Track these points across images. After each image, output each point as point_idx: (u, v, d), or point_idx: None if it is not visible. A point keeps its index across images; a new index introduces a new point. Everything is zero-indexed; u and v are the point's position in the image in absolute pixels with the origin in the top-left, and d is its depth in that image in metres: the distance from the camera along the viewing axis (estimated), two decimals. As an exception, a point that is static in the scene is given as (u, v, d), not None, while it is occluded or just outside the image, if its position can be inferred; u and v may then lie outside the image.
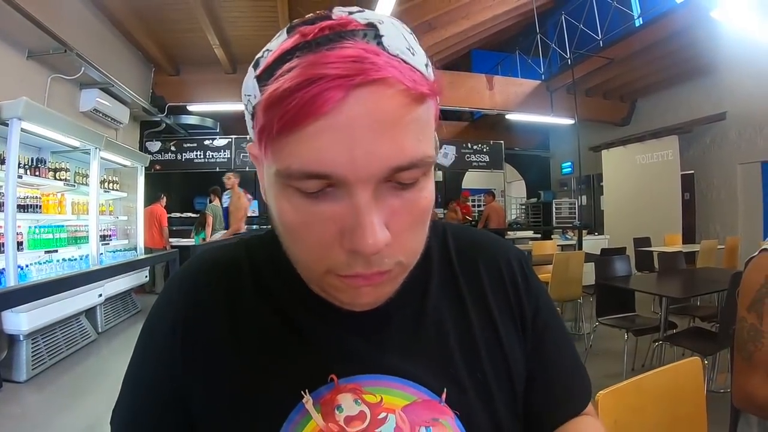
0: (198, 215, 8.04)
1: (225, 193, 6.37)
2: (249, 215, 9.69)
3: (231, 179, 6.70)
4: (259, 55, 0.44)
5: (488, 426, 0.54)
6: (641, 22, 7.35)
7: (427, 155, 0.41)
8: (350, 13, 0.41)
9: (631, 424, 1.09)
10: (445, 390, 0.53)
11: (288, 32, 0.41)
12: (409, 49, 0.41)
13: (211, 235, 7.52)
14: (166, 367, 0.54)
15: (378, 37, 0.39)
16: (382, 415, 0.51)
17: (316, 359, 0.52)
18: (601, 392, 1.02)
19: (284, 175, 0.40)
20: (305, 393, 0.51)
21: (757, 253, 1.29)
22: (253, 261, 0.58)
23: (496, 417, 0.55)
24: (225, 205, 7.65)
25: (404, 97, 0.38)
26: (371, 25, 0.40)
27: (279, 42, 0.42)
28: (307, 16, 0.42)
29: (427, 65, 0.42)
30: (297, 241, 0.44)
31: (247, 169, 9.29)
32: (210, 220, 7.53)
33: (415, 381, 0.53)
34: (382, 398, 0.51)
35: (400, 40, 0.40)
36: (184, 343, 0.54)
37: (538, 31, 8.69)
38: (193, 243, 7.74)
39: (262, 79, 0.40)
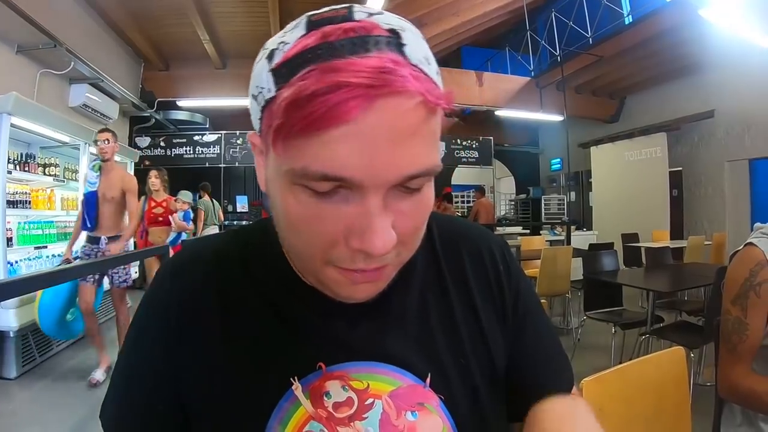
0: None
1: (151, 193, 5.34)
2: (241, 210, 9.71)
3: (156, 178, 5.34)
4: (272, 45, 0.43)
5: (471, 409, 0.56)
6: (630, 20, 7.39)
7: (436, 164, 0.43)
8: (370, 14, 0.41)
9: (615, 412, 1.11)
10: (429, 375, 0.55)
11: (307, 28, 0.41)
12: (426, 59, 0.42)
13: (203, 230, 7.52)
14: (159, 355, 0.54)
15: (401, 45, 0.40)
16: (369, 400, 0.52)
17: (304, 348, 0.54)
18: (585, 379, 1.04)
19: (299, 175, 0.40)
20: (294, 380, 0.52)
21: (742, 246, 1.32)
22: (242, 251, 0.59)
23: (478, 401, 0.57)
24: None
25: (422, 109, 0.40)
26: (394, 32, 0.40)
27: (296, 36, 0.41)
28: (324, 12, 0.42)
29: (437, 73, 0.44)
30: (300, 234, 0.45)
31: (237, 164, 9.27)
32: (201, 215, 7.52)
33: (400, 367, 0.54)
34: (368, 384, 0.53)
35: (420, 50, 0.41)
36: (176, 331, 0.54)
37: (528, 28, 8.71)
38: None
39: (280, 75, 0.40)
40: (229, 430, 0.52)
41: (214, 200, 7.96)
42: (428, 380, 0.55)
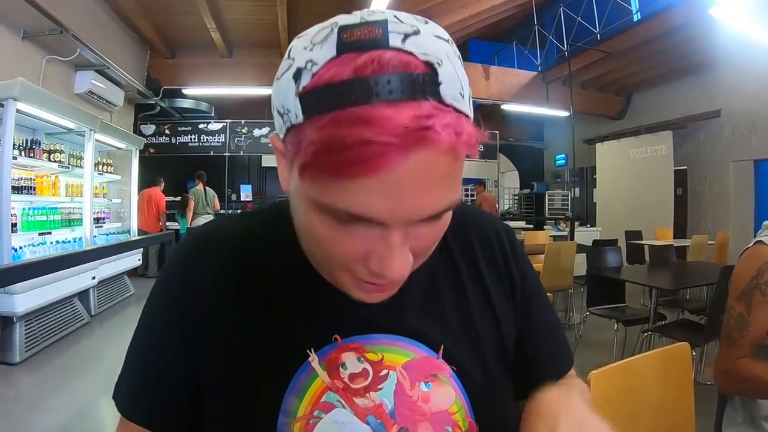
0: (180, 198, 8.09)
1: None
2: (245, 200, 9.72)
3: None
4: (299, 60, 0.41)
5: (482, 381, 0.57)
6: (639, 17, 7.34)
7: (458, 199, 0.44)
8: (406, 36, 0.39)
9: (621, 406, 1.12)
10: (442, 346, 0.56)
11: (338, 48, 0.39)
12: (461, 93, 0.40)
13: (193, 219, 7.55)
14: (174, 332, 0.55)
15: (436, 84, 0.38)
16: (384, 372, 0.54)
17: (319, 321, 0.55)
18: (593, 372, 1.05)
19: (326, 207, 0.41)
20: (311, 352, 0.53)
21: (751, 243, 1.32)
22: (258, 232, 0.60)
23: (488, 373, 0.58)
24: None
25: (453, 155, 0.40)
26: (431, 67, 0.38)
27: (326, 56, 0.39)
28: (357, 28, 0.39)
29: (469, 98, 0.43)
30: (320, 248, 0.47)
31: (241, 153, 9.27)
32: (191, 203, 7.55)
33: (414, 338, 0.56)
34: (383, 356, 0.54)
35: (456, 84, 0.40)
36: (192, 309, 0.55)
37: (536, 22, 8.67)
38: (180, 224, 7.78)
39: (308, 102, 0.39)
40: (245, 403, 0.52)
41: (208, 189, 7.97)
42: (441, 352, 0.56)
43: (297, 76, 0.41)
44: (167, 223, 7.93)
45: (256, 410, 0.52)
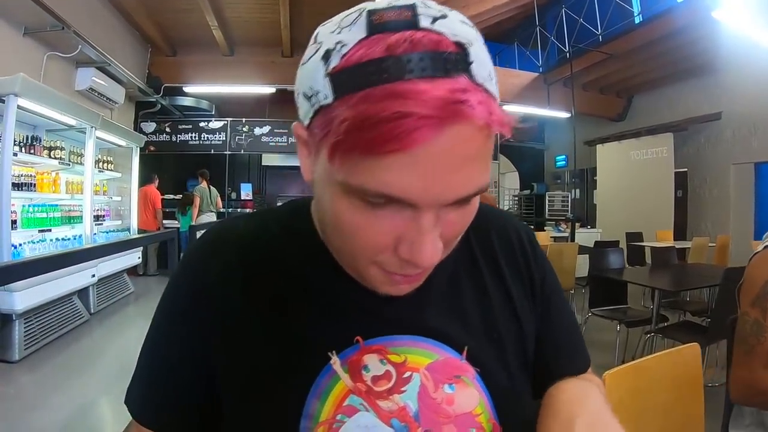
0: (182, 197, 8.07)
1: None
2: (245, 198, 9.72)
3: None
4: (327, 43, 0.41)
5: (505, 383, 0.56)
6: (641, 19, 7.35)
7: (487, 183, 0.43)
8: (435, 19, 0.39)
9: (633, 406, 1.11)
10: (465, 347, 0.55)
11: (368, 29, 0.39)
12: (489, 75, 0.41)
13: (198, 216, 7.55)
14: (191, 334, 0.54)
15: (468, 63, 0.39)
16: (407, 374, 0.52)
17: (341, 322, 0.53)
18: (607, 372, 1.04)
19: (354, 189, 0.40)
20: (332, 354, 0.52)
21: (761, 248, 1.31)
22: (274, 231, 0.59)
23: (511, 374, 0.58)
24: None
25: (484, 134, 0.40)
26: (461, 47, 0.39)
27: (355, 37, 0.39)
28: (386, 11, 0.39)
29: (496, 82, 0.43)
30: (349, 238, 0.45)
31: (242, 152, 9.26)
32: (197, 200, 7.55)
33: (437, 339, 0.55)
34: (406, 358, 0.53)
35: (485, 65, 0.40)
36: (209, 311, 0.53)
37: (537, 23, 8.67)
38: (181, 222, 7.76)
39: (339, 82, 0.39)
40: (267, 408, 0.51)
41: (211, 187, 7.98)
42: (465, 353, 0.55)
43: (326, 57, 0.40)
44: (165, 221, 7.93)
45: (278, 414, 0.50)
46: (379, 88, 0.36)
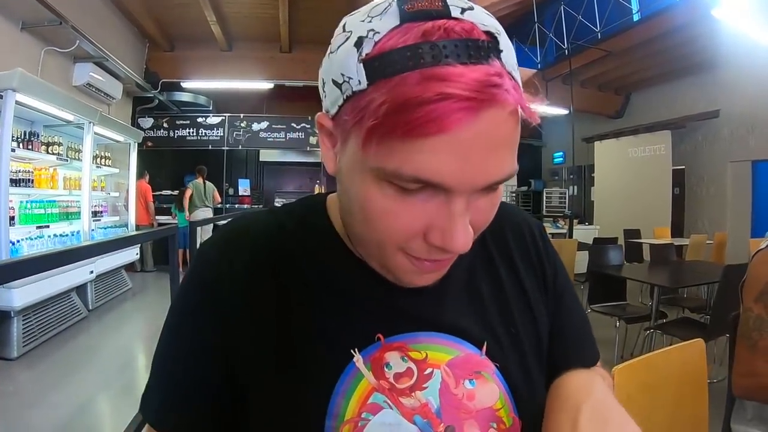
0: (178, 193, 8.11)
1: None
2: (243, 194, 9.71)
3: None
4: (359, 31, 0.42)
5: (523, 378, 0.57)
6: (640, 17, 7.35)
7: (516, 169, 0.44)
8: (463, 10, 0.40)
9: (642, 401, 1.12)
10: (485, 343, 0.56)
11: (401, 18, 0.39)
12: (514, 66, 0.42)
13: (191, 212, 7.56)
14: (210, 334, 0.52)
15: (499, 51, 0.40)
16: (428, 370, 0.53)
17: (361, 319, 0.53)
18: (617, 366, 1.05)
19: (389, 174, 0.40)
20: (355, 352, 0.52)
21: (765, 245, 1.32)
22: (291, 227, 0.58)
23: (528, 368, 0.58)
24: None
25: (515, 119, 0.41)
26: (492, 36, 0.40)
27: (388, 26, 0.40)
28: (417, 1, 0.40)
29: (519, 74, 0.44)
30: (378, 224, 0.45)
31: (240, 147, 9.24)
32: (188, 193, 7.56)
33: (457, 336, 0.55)
34: (427, 354, 0.53)
35: (512, 55, 0.42)
36: (228, 309, 0.52)
37: (536, 20, 8.66)
38: (178, 219, 7.76)
39: (374, 68, 0.39)
40: (291, 408, 0.50)
41: (207, 183, 7.98)
42: (485, 348, 0.56)
43: (359, 44, 0.41)
44: (161, 218, 7.96)
45: (302, 414, 0.50)
46: (416, 72, 0.37)
